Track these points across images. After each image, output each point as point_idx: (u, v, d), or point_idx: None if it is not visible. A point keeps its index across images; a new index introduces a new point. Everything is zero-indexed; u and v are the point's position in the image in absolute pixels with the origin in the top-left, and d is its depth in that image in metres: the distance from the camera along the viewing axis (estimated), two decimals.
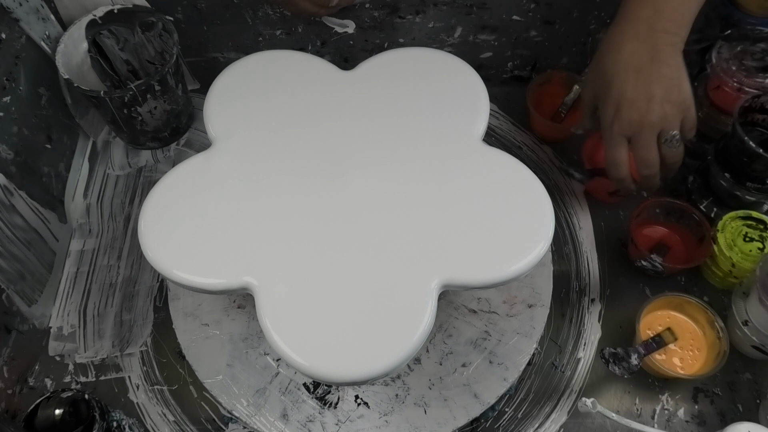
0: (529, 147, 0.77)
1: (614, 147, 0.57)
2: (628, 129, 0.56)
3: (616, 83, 0.56)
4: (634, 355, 0.57)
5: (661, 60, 0.54)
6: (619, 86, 0.55)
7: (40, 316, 0.65)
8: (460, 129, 0.58)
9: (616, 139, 0.57)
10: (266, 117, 0.59)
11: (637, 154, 0.57)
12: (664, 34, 0.55)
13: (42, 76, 0.68)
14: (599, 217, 0.71)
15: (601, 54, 0.58)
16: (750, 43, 0.65)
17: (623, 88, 0.55)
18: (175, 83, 0.72)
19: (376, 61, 0.63)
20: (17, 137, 0.64)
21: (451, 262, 0.51)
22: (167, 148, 0.78)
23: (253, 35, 0.76)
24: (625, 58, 0.55)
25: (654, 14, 0.55)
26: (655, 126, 0.55)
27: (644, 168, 0.57)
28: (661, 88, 0.54)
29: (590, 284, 0.67)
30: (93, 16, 0.70)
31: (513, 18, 0.74)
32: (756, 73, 0.64)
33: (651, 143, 0.56)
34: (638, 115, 0.55)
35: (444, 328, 0.63)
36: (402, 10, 0.72)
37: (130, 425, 0.58)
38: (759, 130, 0.63)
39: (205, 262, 0.51)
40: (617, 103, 0.56)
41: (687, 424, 0.59)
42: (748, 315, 0.58)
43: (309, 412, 0.59)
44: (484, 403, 0.59)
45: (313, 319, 0.49)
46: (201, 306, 0.65)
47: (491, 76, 0.81)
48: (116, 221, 0.72)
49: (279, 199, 0.54)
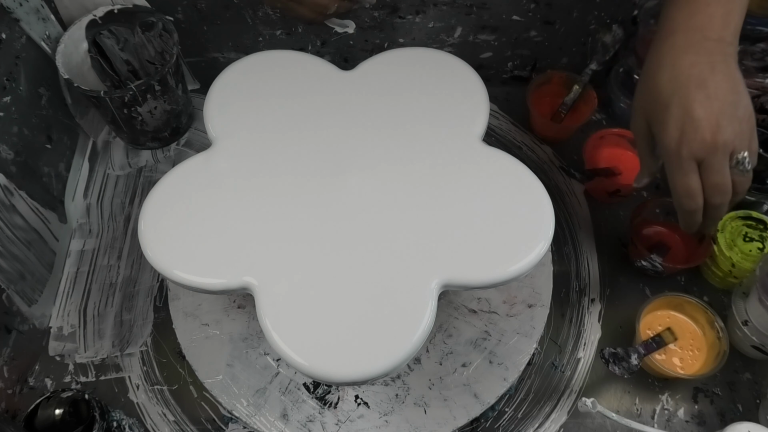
0: (529, 147, 0.77)
1: (685, 174, 0.49)
2: (699, 151, 0.48)
3: (677, 101, 0.49)
4: (634, 355, 0.57)
5: (722, 72, 0.49)
6: (682, 104, 0.49)
7: (40, 316, 0.65)
8: (460, 129, 0.58)
9: (686, 164, 0.49)
10: (266, 117, 0.59)
11: (709, 180, 0.49)
12: (720, 44, 0.49)
13: (42, 76, 0.68)
14: (599, 217, 0.71)
15: (650, 73, 0.52)
16: (750, 43, 0.64)
17: (687, 106, 0.48)
18: (175, 83, 0.72)
19: (376, 61, 0.63)
20: (17, 137, 0.64)
21: (451, 262, 0.51)
22: (167, 148, 0.78)
23: (253, 35, 0.76)
24: (683, 72, 0.49)
25: (708, 22, 0.49)
26: (729, 145, 0.48)
27: (718, 195, 0.50)
28: (728, 102, 0.48)
29: (590, 284, 0.67)
30: (93, 16, 0.70)
31: (513, 18, 0.74)
32: (756, 73, 0.64)
33: (725, 166, 0.49)
34: (710, 134, 0.48)
35: (444, 328, 0.63)
36: (402, 10, 0.72)
37: (130, 425, 0.58)
38: (759, 130, 0.63)
39: (205, 262, 0.51)
40: (681, 124, 0.49)
41: (687, 424, 0.59)
42: (748, 315, 0.58)
43: (309, 412, 0.59)
44: (484, 403, 0.59)
45: (313, 319, 0.49)
46: (201, 306, 0.65)
47: (491, 76, 0.81)
48: (116, 221, 0.72)
49: (279, 199, 0.54)
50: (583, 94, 0.75)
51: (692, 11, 0.50)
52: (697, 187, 0.50)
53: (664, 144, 0.50)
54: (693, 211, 0.51)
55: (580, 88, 0.75)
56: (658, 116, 0.51)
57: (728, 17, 0.50)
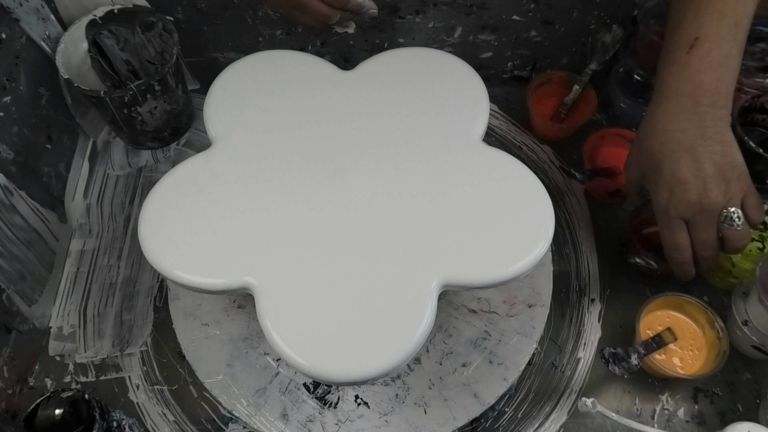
0: (529, 147, 0.77)
1: (673, 231, 0.54)
2: (686, 212, 0.52)
3: (667, 164, 0.52)
4: (634, 355, 0.57)
5: (711, 137, 0.51)
6: (671, 167, 0.52)
7: (40, 316, 0.65)
8: (460, 129, 0.58)
9: (674, 222, 0.53)
10: (266, 117, 0.59)
11: (696, 236, 0.53)
12: (711, 109, 0.52)
13: (42, 76, 0.68)
14: (599, 217, 0.71)
15: (645, 135, 0.55)
16: (749, 43, 0.64)
17: (675, 169, 0.52)
18: (175, 83, 0.72)
19: (376, 61, 0.63)
20: (17, 137, 0.64)
21: (451, 262, 0.51)
22: (167, 148, 0.78)
23: (253, 35, 0.76)
24: (674, 137, 0.52)
25: (699, 89, 0.52)
26: (715, 206, 0.51)
27: (704, 250, 0.54)
28: (715, 166, 0.51)
29: (590, 284, 0.67)
30: (93, 16, 0.70)
31: (513, 18, 0.74)
32: (756, 73, 0.64)
33: (711, 224, 0.52)
34: (696, 196, 0.51)
35: (444, 328, 0.63)
36: (402, 10, 0.72)
37: (130, 425, 0.58)
38: (759, 130, 0.64)
39: (205, 262, 0.51)
40: (670, 186, 0.52)
41: (687, 424, 0.59)
42: (748, 315, 0.58)
43: (309, 412, 0.59)
44: (484, 403, 0.59)
45: (313, 318, 0.49)
46: (201, 306, 0.65)
47: (491, 76, 0.81)
48: (116, 221, 0.72)
49: (279, 199, 0.55)
50: (583, 94, 0.75)
51: (684, 78, 0.52)
52: (685, 243, 0.54)
53: (655, 202, 0.55)
54: (682, 263, 0.55)
55: (580, 88, 0.75)
56: (651, 176, 0.55)
57: (719, 83, 0.52)
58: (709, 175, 0.51)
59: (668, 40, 0.54)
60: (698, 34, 0.52)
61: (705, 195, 0.51)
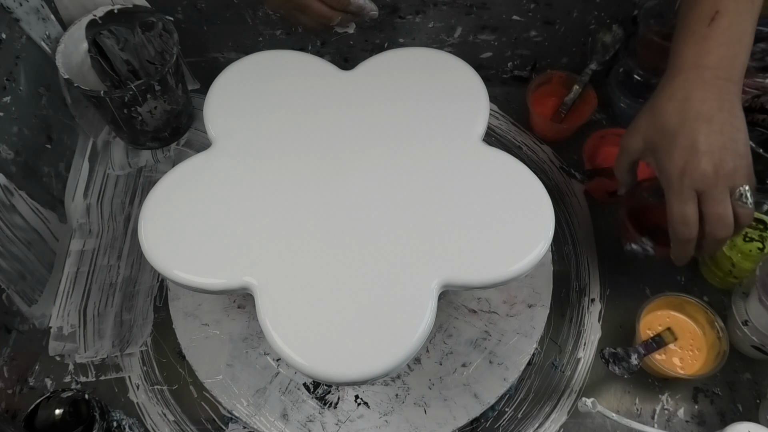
0: (529, 147, 0.77)
1: (684, 202, 0.51)
2: (700, 182, 0.51)
3: (685, 133, 0.51)
4: (634, 355, 0.57)
5: (728, 111, 0.51)
6: (690, 136, 0.51)
7: (40, 316, 0.65)
8: (460, 129, 0.58)
9: (686, 193, 0.51)
10: (266, 117, 0.59)
11: (710, 211, 0.51)
12: (728, 83, 0.52)
13: (42, 76, 0.68)
14: (599, 217, 0.71)
15: (661, 103, 0.54)
16: None
17: (694, 138, 0.51)
18: (175, 83, 0.72)
19: (376, 61, 0.63)
20: (17, 137, 0.64)
21: (451, 262, 0.51)
22: (167, 148, 0.78)
23: (253, 35, 0.76)
24: (694, 107, 0.51)
25: (718, 63, 0.52)
26: (730, 179, 0.50)
27: (719, 228, 0.51)
28: (732, 139, 0.51)
29: (590, 284, 0.67)
30: (93, 16, 0.70)
31: (513, 18, 0.74)
32: (756, 73, 0.64)
33: (726, 199, 0.51)
34: (712, 166, 0.50)
35: (444, 328, 0.63)
36: (402, 10, 0.72)
37: (130, 425, 0.58)
38: (759, 130, 0.63)
39: (205, 262, 0.51)
40: (686, 154, 0.51)
41: (687, 424, 0.59)
42: (748, 315, 0.58)
43: (309, 412, 0.59)
44: (484, 403, 0.59)
45: (313, 318, 0.49)
46: (201, 306, 0.65)
47: (491, 76, 0.81)
48: (116, 221, 0.72)
49: (279, 200, 0.54)
50: (583, 94, 0.75)
51: (703, 51, 0.52)
52: (694, 217, 0.52)
53: (667, 171, 0.52)
54: (686, 240, 0.53)
55: (580, 88, 0.75)
56: (663, 144, 0.53)
57: (736, 60, 0.52)
58: (726, 147, 0.50)
59: (686, 14, 0.54)
60: (718, 8, 0.52)
61: (721, 166, 0.50)
